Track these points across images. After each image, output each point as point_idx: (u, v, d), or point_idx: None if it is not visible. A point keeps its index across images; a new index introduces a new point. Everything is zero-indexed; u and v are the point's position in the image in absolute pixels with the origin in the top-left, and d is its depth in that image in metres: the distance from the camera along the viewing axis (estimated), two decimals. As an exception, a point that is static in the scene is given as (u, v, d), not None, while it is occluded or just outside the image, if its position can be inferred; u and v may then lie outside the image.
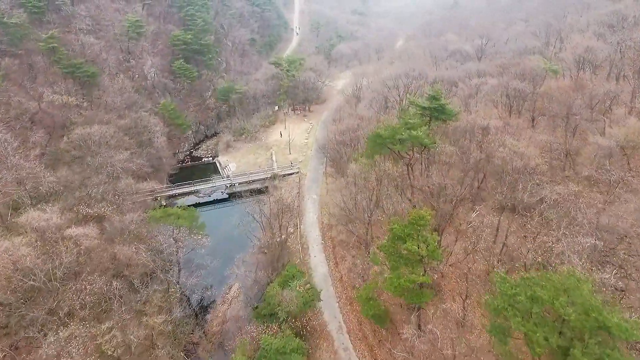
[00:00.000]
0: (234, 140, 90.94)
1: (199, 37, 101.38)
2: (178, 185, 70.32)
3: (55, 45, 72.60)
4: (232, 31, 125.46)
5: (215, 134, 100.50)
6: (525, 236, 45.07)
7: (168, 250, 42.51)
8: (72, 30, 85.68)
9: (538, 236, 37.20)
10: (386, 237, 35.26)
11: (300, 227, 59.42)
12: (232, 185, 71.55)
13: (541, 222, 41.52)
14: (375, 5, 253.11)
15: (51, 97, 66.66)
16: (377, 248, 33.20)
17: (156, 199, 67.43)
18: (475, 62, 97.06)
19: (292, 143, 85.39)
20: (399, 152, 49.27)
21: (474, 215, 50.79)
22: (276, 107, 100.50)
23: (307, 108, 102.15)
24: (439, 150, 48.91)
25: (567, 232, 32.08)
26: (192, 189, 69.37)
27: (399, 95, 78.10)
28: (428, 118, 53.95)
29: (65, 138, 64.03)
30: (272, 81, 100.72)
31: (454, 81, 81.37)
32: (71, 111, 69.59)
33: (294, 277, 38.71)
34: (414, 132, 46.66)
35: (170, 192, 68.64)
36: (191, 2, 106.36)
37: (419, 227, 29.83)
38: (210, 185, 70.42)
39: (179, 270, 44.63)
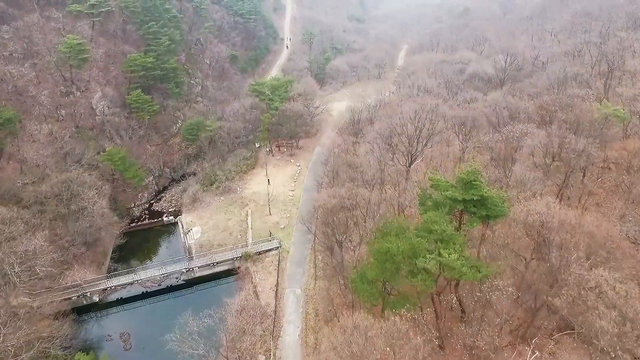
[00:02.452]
0: (203, 191, 73.15)
1: (163, 59, 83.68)
2: (115, 274, 52.57)
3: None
4: (209, 47, 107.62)
5: (184, 176, 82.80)
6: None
7: None
8: (-3, 56, 68.25)
9: None
10: None
11: (274, 354, 41.85)
12: (190, 271, 53.98)
13: None
14: (374, 8, 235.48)
15: None
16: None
17: (85, 296, 49.89)
18: (502, 89, 79.77)
19: (274, 198, 67.80)
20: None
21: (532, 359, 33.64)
22: (257, 144, 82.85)
23: (294, 144, 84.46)
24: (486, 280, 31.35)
25: None
26: (134, 278, 51.72)
27: (408, 142, 60.57)
28: (459, 212, 36.57)
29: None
30: (253, 113, 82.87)
31: (478, 121, 63.80)
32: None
33: None
34: (446, 256, 29.21)
35: (104, 286, 50.93)
36: (155, 17, 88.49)
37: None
38: (159, 273, 52.72)
39: None
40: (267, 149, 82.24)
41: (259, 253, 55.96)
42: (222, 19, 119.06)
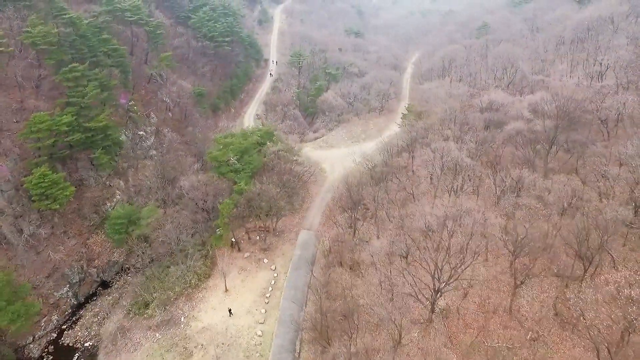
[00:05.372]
0: (131, 318, 50.55)
1: (88, 115, 60.76)
2: None
3: None
4: (167, 85, 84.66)
5: (121, 273, 60.10)
6: None
7: None
8: None
9: None
10: None
11: None
12: None
13: None
14: (374, 17, 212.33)
15: None
16: None
17: None
18: (555, 151, 57.40)
19: (232, 340, 45.15)
20: None
21: None
22: (218, 231, 60.04)
23: (271, 227, 61.62)
24: None
25: None
26: None
27: (436, 291, 37.97)
28: None
29: None
30: (209, 193, 59.99)
31: (541, 244, 41.03)
32: None
33: None
34: None
35: None
36: (83, 54, 65.62)
37: None
38: None
39: None
40: (232, 240, 59.39)
41: None
42: (186, 45, 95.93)
